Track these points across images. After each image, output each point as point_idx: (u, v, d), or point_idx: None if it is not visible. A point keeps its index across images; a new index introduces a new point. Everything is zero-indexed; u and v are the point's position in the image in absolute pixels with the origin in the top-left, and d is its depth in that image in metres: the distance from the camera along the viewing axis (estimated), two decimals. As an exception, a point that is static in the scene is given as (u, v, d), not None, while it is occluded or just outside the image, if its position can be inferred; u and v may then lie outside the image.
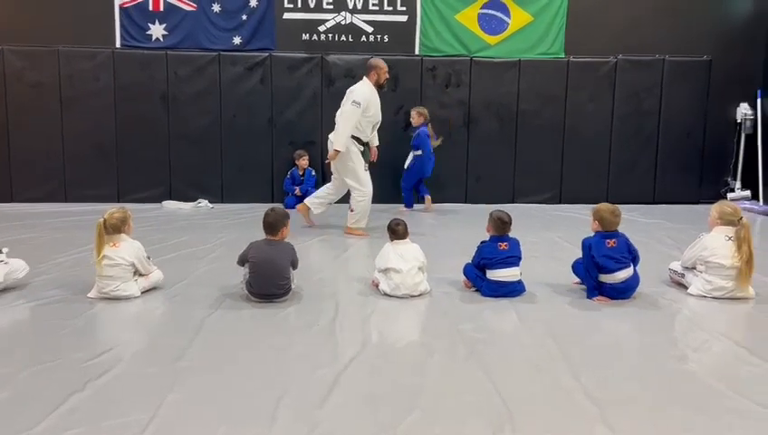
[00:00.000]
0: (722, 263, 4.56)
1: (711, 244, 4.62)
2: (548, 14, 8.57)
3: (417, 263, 4.56)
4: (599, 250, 4.51)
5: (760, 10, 8.71)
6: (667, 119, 8.77)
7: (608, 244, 4.53)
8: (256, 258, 4.36)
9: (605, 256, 4.48)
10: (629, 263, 4.57)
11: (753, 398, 3.04)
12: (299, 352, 3.56)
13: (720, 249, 4.58)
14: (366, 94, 6.35)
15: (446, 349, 3.64)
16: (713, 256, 4.59)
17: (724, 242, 4.59)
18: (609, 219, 4.60)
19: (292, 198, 8.15)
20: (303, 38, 8.45)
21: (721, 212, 4.71)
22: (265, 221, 4.48)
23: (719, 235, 4.64)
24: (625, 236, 4.65)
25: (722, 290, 4.57)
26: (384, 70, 6.49)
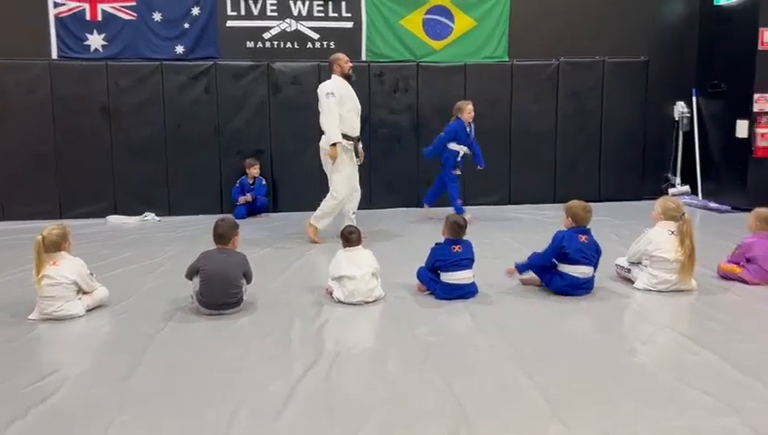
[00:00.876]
0: (666, 257, 4.70)
1: (655, 238, 4.77)
2: (491, 18, 8.71)
3: (371, 269, 4.55)
4: (571, 243, 4.63)
5: (691, 12, 9.04)
6: (609, 118, 9.02)
7: (580, 238, 4.67)
8: (207, 267, 4.28)
9: (577, 250, 4.61)
10: (593, 261, 4.70)
11: (699, 387, 3.14)
12: (253, 365, 3.50)
13: (664, 244, 4.72)
14: (336, 85, 6.31)
15: (401, 354, 3.63)
16: (657, 250, 4.73)
17: (667, 236, 4.74)
18: (581, 215, 4.75)
19: (242, 208, 8.03)
20: (248, 46, 8.35)
21: (664, 208, 4.87)
22: (215, 232, 4.41)
23: (662, 229, 4.79)
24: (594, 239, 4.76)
25: (666, 283, 4.72)
26: (344, 60, 6.45)
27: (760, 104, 8.04)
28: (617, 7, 8.85)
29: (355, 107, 6.50)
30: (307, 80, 8.41)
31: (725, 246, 5.59)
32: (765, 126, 8.02)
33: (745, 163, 8.21)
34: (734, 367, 3.37)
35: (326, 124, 6.29)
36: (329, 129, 6.26)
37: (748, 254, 4.90)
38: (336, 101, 6.24)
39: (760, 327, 4.09)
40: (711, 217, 7.99)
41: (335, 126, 6.23)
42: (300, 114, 8.44)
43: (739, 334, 3.88)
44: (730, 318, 4.21)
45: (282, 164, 8.49)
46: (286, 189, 8.53)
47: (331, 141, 6.25)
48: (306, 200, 8.47)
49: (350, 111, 6.43)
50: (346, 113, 6.35)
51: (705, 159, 8.97)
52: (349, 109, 6.40)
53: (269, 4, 8.30)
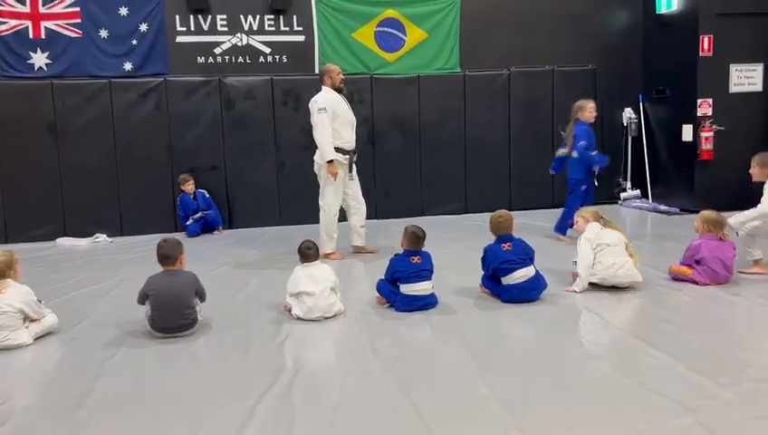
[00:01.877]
0: (606, 242, 4.93)
1: (591, 235, 4.98)
2: (442, 30, 8.80)
3: (329, 284, 4.50)
4: (495, 255, 4.74)
5: (635, 21, 9.31)
6: (560, 125, 9.17)
7: (503, 247, 4.76)
8: (156, 291, 4.17)
9: (501, 259, 4.71)
10: (527, 262, 4.75)
11: (655, 388, 3.19)
12: (210, 388, 3.41)
13: (601, 233, 5.00)
14: (328, 99, 6.17)
15: (362, 368, 3.60)
16: (597, 237, 4.96)
17: (598, 230, 5.04)
18: (495, 224, 4.90)
19: (194, 226, 7.88)
20: (199, 61, 8.24)
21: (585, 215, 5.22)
22: (159, 253, 4.30)
23: (592, 227, 5.06)
24: (520, 239, 4.86)
25: (614, 266, 4.86)
26: (336, 71, 6.34)
27: (703, 109, 8.31)
28: (564, 17, 9.05)
29: (348, 120, 6.35)
30: (260, 94, 8.36)
31: (676, 248, 5.73)
32: (709, 130, 8.29)
33: (692, 166, 8.46)
34: (687, 367, 3.44)
35: (319, 140, 6.15)
36: (322, 145, 6.13)
37: (697, 256, 5.03)
38: (328, 116, 6.10)
39: (710, 327, 4.20)
40: (661, 220, 8.20)
41: (329, 142, 6.10)
42: (254, 129, 8.38)
43: (691, 335, 3.97)
44: (682, 319, 4.31)
45: (236, 180, 8.39)
46: (241, 205, 8.43)
47: (326, 159, 6.13)
48: (262, 216, 8.42)
49: (343, 124, 6.27)
50: (338, 127, 6.21)
51: (654, 163, 9.21)
52: (341, 122, 6.25)
53: (219, 20, 8.22)
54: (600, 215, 5.22)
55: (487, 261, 4.84)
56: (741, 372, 3.36)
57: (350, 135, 6.38)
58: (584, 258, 4.95)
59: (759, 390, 3.15)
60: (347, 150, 6.33)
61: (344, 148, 6.29)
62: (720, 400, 3.07)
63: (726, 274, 5.00)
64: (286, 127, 8.46)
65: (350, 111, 6.40)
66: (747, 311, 4.49)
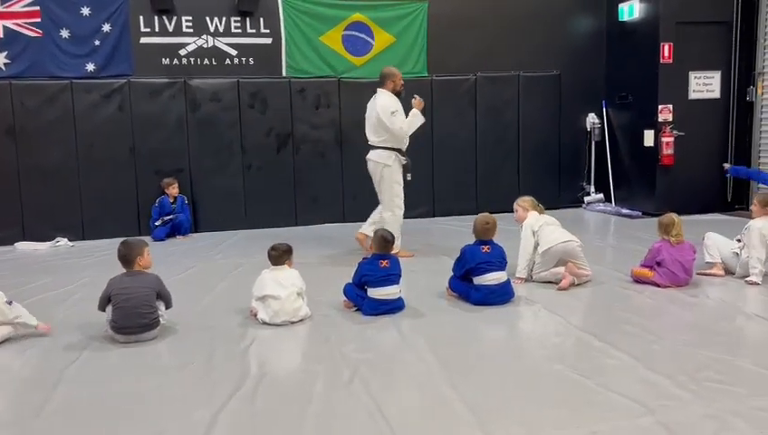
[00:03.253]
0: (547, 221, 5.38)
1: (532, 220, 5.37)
2: (409, 35, 8.84)
3: (296, 288, 4.47)
4: (474, 256, 4.80)
5: (599, 27, 9.49)
6: (525, 130, 9.31)
7: (482, 249, 4.85)
8: (117, 290, 4.11)
9: (479, 259, 4.79)
10: (501, 266, 4.84)
11: (616, 389, 3.25)
12: (173, 394, 3.36)
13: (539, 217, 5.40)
14: (393, 101, 6.34)
15: (328, 373, 3.59)
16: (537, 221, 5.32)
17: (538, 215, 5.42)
18: (480, 229, 4.97)
19: (161, 230, 7.77)
20: (164, 63, 8.12)
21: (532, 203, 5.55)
22: (119, 255, 4.25)
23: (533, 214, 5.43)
24: (499, 245, 4.96)
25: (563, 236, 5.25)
26: (399, 76, 6.48)
27: (663, 114, 8.51)
28: (529, 23, 9.17)
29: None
30: (226, 96, 8.28)
31: (638, 250, 5.86)
32: (669, 135, 8.49)
33: (653, 171, 8.65)
34: (647, 368, 3.51)
35: (406, 127, 6.34)
36: (411, 126, 6.38)
37: (657, 258, 5.15)
38: (401, 114, 6.34)
39: (670, 328, 4.30)
40: (624, 223, 8.36)
41: (410, 123, 6.36)
42: (220, 131, 8.30)
43: (651, 336, 4.05)
44: (643, 320, 4.40)
45: (202, 183, 8.29)
46: (207, 209, 8.33)
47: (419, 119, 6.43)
48: (227, 219, 8.34)
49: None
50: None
51: (617, 167, 9.39)
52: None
53: (184, 21, 8.11)
54: (537, 203, 5.54)
55: (463, 261, 4.88)
56: (699, 372, 3.44)
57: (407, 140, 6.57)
58: (525, 244, 5.33)
59: (715, 389, 3.24)
60: (403, 152, 6.50)
61: (402, 149, 6.49)
62: (678, 400, 3.14)
63: (686, 276, 5.12)
64: (253, 129, 8.40)
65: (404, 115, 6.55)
66: (705, 312, 4.61)
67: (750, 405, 3.05)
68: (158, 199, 7.91)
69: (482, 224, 4.99)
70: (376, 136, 6.46)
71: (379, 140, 6.43)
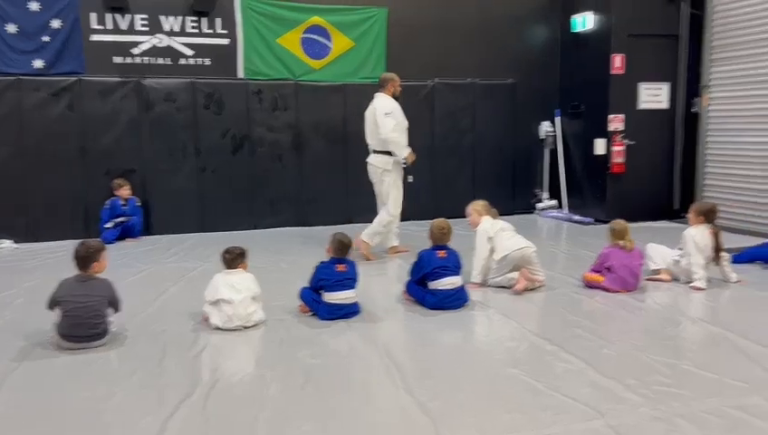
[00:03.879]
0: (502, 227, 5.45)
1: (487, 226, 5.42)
2: (368, 40, 8.85)
3: (250, 293, 4.41)
4: (430, 261, 4.86)
5: (553, 38, 9.69)
6: (481, 137, 9.43)
7: (438, 254, 4.90)
8: (67, 298, 3.97)
9: (435, 264, 4.83)
10: (457, 271, 4.90)
11: (567, 393, 3.31)
12: (120, 402, 3.27)
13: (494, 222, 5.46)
14: (391, 104, 6.53)
15: (282, 378, 3.55)
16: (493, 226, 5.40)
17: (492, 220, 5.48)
18: (437, 235, 5.03)
19: (111, 232, 7.56)
20: (116, 61, 7.92)
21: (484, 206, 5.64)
22: (76, 256, 4.09)
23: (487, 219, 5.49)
24: (454, 250, 5.01)
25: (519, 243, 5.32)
26: (398, 82, 6.70)
27: (614, 124, 8.73)
28: (486, 31, 9.29)
29: (402, 124, 6.65)
30: (181, 96, 8.13)
31: (589, 256, 5.98)
32: (620, 144, 8.71)
33: (604, 178, 8.86)
34: (597, 371, 3.59)
35: (390, 139, 6.48)
36: (394, 143, 6.49)
37: (606, 263, 5.27)
38: (393, 119, 6.48)
39: (620, 332, 4.40)
40: (576, 230, 8.54)
41: (398, 140, 6.51)
42: (174, 132, 8.14)
43: (602, 340, 4.14)
44: (594, 324, 4.49)
45: (155, 184, 8.11)
46: (160, 211, 8.15)
47: (402, 156, 6.57)
48: (182, 222, 8.18)
49: (402, 130, 6.63)
50: (401, 132, 6.59)
51: (569, 175, 9.59)
52: (401, 129, 6.61)
53: (138, 19, 7.93)
54: (490, 207, 5.62)
55: (420, 265, 4.93)
56: (647, 376, 3.53)
57: (405, 139, 6.69)
58: (480, 250, 5.39)
59: (663, 392, 3.32)
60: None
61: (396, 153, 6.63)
62: (628, 403, 3.21)
63: (635, 281, 5.26)
64: (208, 131, 8.27)
65: (403, 116, 6.68)
66: (653, 317, 4.73)
67: (696, 408, 3.14)
68: (109, 201, 7.70)
69: (438, 229, 5.04)
70: (375, 139, 6.62)
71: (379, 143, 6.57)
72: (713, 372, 3.57)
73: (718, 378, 3.49)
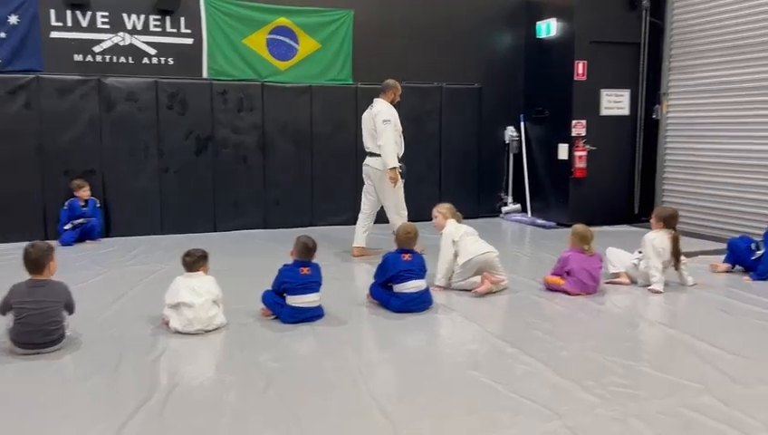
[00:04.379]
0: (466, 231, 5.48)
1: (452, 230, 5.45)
2: (334, 42, 8.83)
3: (211, 296, 4.35)
4: (395, 264, 4.88)
5: (518, 44, 9.80)
6: (447, 141, 9.49)
7: (403, 257, 4.93)
8: (20, 303, 3.85)
9: (401, 269, 4.85)
10: (421, 275, 4.92)
11: (526, 394, 3.35)
12: (74, 408, 3.19)
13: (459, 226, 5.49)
14: (391, 112, 6.69)
15: (243, 383, 3.51)
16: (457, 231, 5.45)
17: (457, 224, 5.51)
18: (402, 238, 5.07)
19: (69, 234, 7.39)
20: (76, 59, 7.75)
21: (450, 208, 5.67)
22: (27, 259, 3.96)
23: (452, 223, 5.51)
24: (420, 254, 5.06)
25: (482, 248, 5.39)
26: (399, 90, 6.89)
27: (577, 129, 8.87)
28: (452, 37, 9.35)
29: (400, 130, 6.82)
30: (144, 96, 7.99)
31: (552, 259, 6.05)
32: (582, 149, 8.86)
33: (567, 183, 9.00)
34: (556, 373, 3.64)
35: (384, 149, 6.56)
36: (387, 153, 6.56)
37: (566, 267, 5.36)
38: (392, 127, 6.60)
39: (579, 334, 4.47)
40: (538, 233, 8.64)
41: (392, 151, 6.59)
42: (136, 132, 8.00)
43: (561, 342, 4.20)
44: (554, 327, 4.55)
45: (115, 185, 7.95)
46: (120, 212, 7.99)
47: (389, 166, 6.57)
48: (143, 223, 8.04)
49: (400, 135, 6.80)
50: (397, 138, 6.72)
51: (533, 179, 9.71)
52: (399, 134, 6.77)
53: (100, 17, 7.77)
54: (455, 211, 5.65)
55: (385, 268, 4.94)
56: (604, 377, 3.59)
57: (401, 145, 6.85)
58: (445, 254, 5.41)
59: (619, 393, 3.38)
60: (400, 159, 6.81)
61: (399, 154, 6.78)
62: (585, 403, 3.26)
63: (594, 284, 5.35)
64: (171, 131, 8.15)
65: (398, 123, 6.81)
66: (611, 319, 4.82)
67: (651, 408, 3.21)
68: (68, 202, 7.52)
69: (404, 233, 5.07)
70: (374, 143, 6.71)
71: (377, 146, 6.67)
72: (668, 373, 3.65)
73: (673, 379, 3.57)
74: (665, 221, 5.58)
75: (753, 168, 7.72)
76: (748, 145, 7.77)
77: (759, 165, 7.63)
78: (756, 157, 7.66)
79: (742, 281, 5.80)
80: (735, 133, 7.94)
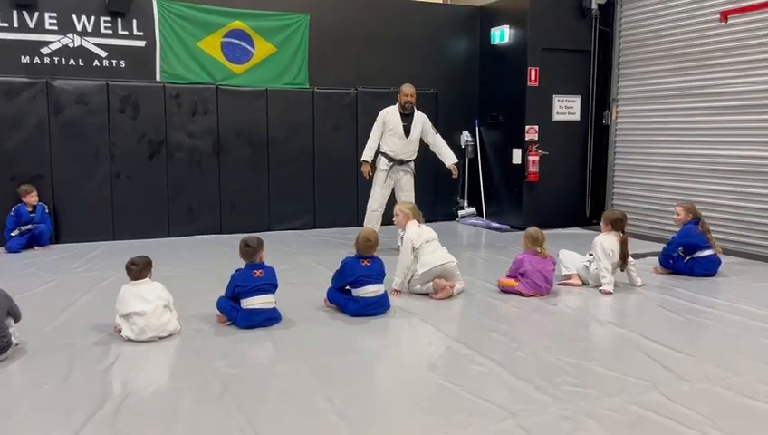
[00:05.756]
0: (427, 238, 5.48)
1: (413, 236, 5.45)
2: (290, 46, 8.80)
3: (162, 302, 4.28)
4: (353, 270, 4.89)
5: (473, 49, 9.93)
6: (405, 145, 9.53)
7: (362, 263, 4.94)
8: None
9: (360, 275, 4.86)
10: (380, 279, 4.95)
11: (481, 395, 3.40)
12: (21, 419, 3.10)
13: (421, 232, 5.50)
14: (388, 110, 7.28)
15: (198, 390, 3.47)
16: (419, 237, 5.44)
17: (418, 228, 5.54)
18: (362, 246, 5.05)
19: (16, 241, 7.16)
20: (23, 61, 7.53)
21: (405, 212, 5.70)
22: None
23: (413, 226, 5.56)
24: (378, 258, 5.07)
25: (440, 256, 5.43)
26: (402, 93, 7.26)
27: (530, 134, 9.05)
28: (409, 41, 9.42)
29: (398, 132, 7.19)
30: (94, 99, 7.82)
31: (505, 262, 6.16)
32: (535, 154, 9.03)
33: (520, 187, 9.16)
34: (510, 373, 3.70)
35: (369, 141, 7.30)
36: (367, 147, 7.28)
37: (521, 269, 5.46)
38: (377, 124, 7.25)
39: (533, 335, 4.56)
40: (493, 236, 8.78)
41: (367, 146, 7.27)
42: (86, 136, 7.82)
43: (515, 343, 4.28)
44: (509, 328, 4.64)
45: (65, 190, 7.75)
46: (71, 218, 7.79)
47: (361, 159, 7.26)
48: (94, 229, 7.85)
49: (393, 134, 7.19)
50: (388, 135, 7.20)
51: (488, 183, 9.86)
52: (392, 133, 7.20)
53: (48, 17, 7.57)
54: (418, 211, 5.72)
55: (343, 273, 4.94)
56: (556, 377, 3.67)
57: (398, 145, 7.22)
58: (404, 260, 5.45)
59: (571, 392, 3.47)
60: (391, 157, 7.21)
61: (388, 154, 7.21)
62: (538, 403, 3.33)
63: (547, 286, 5.46)
64: (123, 135, 7.99)
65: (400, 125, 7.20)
66: (564, 320, 4.94)
67: (601, 406, 3.30)
68: (15, 208, 7.29)
69: (364, 241, 5.03)
70: None
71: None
72: (617, 372, 3.76)
73: (622, 377, 3.68)
74: (612, 224, 5.74)
75: (699, 171, 8.00)
76: (695, 149, 8.05)
77: (705, 169, 7.91)
78: (703, 160, 7.94)
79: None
80: (682, 138, 8.22)
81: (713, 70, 7.79)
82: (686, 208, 6.37)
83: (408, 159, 7.34)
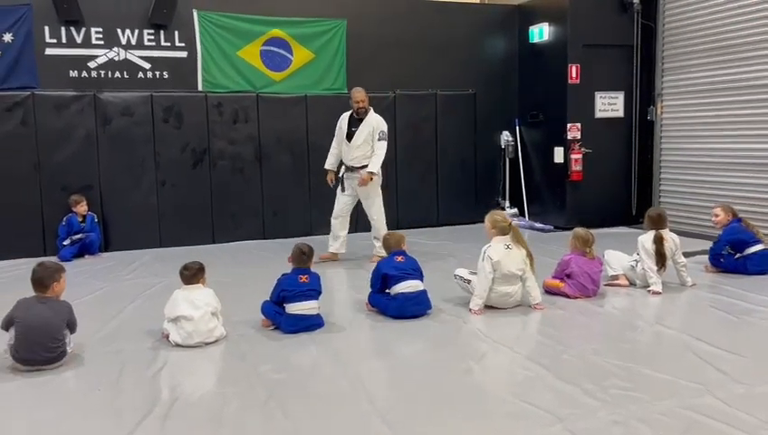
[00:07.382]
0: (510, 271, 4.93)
1: (494, 255, 4.94)
2: (328, 51, 8.86)
3: (210, 308, 4.35)
4: (388, 264, 4.95)
5: (512, 49, 9.84)
6: (443, 147, 9.51)
7: (396, 259, 4.97)
8: (23, 319, 3.85)
9: (393, 268, 4.90)
10: (417, 275, 4.94)
11: (528, 399, 3.35)
12: (75, 424, 3.19)
13: (503, 259, 4.93)
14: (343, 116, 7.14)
15: (244, 395, 3.51)
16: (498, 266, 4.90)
17: (504, 251, 4.97)
18: (391, 244, 5.12)
19: (68, 250, 7.38)
20: (72, 75, 7.77)
21: (493, 222, 5.16)
22: (33, 278, 3.99)
23: (498, 245, 5.02)
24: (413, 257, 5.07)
25: (507, 296, 4.99)
26: (352, 99, 7.01)
27: (572, 132, 8.90)
28: (446, 43, 9.38)
29: (341, 138, 7.03)
30: (139, 110, 8.01)
31: (550, 263, 6.04)
32: (578, 152, 8.88)
33: (563, 186, 9.02)
34: (557, 377, 3.63)
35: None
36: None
37: (567, 270, 5.36)
38: (336, 131, 7.14)
39: (580, 338, 4.47)
40: (537, 237, 8.63)
41: (329, 153, 7.20)
42: (132, 147, 8.02)
43: (562, 346, 4.20)
44: (555, 331, 4.55)
45: (113, 200, 7.96)
46: (118, 227, 8.00)
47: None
48: (141, 237, 8.04)
49: (339, 141, 7.06)
50: (338, 143, 7.10)
51: (530, 183, 9.73)
52: (338, 140, 7.09)
53: (94, 32, 7.79)
54: (508, 223, 5.17)
55: (378, 272, 4.95)
56: (605, 380, 3.59)
57: (344, 150, 7.02)
58: (482, 276, 4.94)
59: (620, 396, 3.38)
60: (343, 163, 7.09)
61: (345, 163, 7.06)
62: (586, 407, 3.26)
63: (594, 287, 5.35)
64: (167, 145, 8.17)
65: (346, 130, 6.98)
66: (611, 322, 4.83)
67: (652, 410, 3.21)
68: (66, 218, 7.52)
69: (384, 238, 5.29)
70: None
71: None
72: (668, 375, 3.65)
73: (673, 380, 3.57)
74: (653, 221, 5.59)
75: (747, 166, 7.75)
76: (742, 144, 7.80)
77: (753, 163, 7.66)
78: (750, 155, 7.69)
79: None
80: (729, 132, 7.97)
81: (759, 62, 7.53)
82: (725, 209, 6.17)
83: (357, 166, 6.89)
